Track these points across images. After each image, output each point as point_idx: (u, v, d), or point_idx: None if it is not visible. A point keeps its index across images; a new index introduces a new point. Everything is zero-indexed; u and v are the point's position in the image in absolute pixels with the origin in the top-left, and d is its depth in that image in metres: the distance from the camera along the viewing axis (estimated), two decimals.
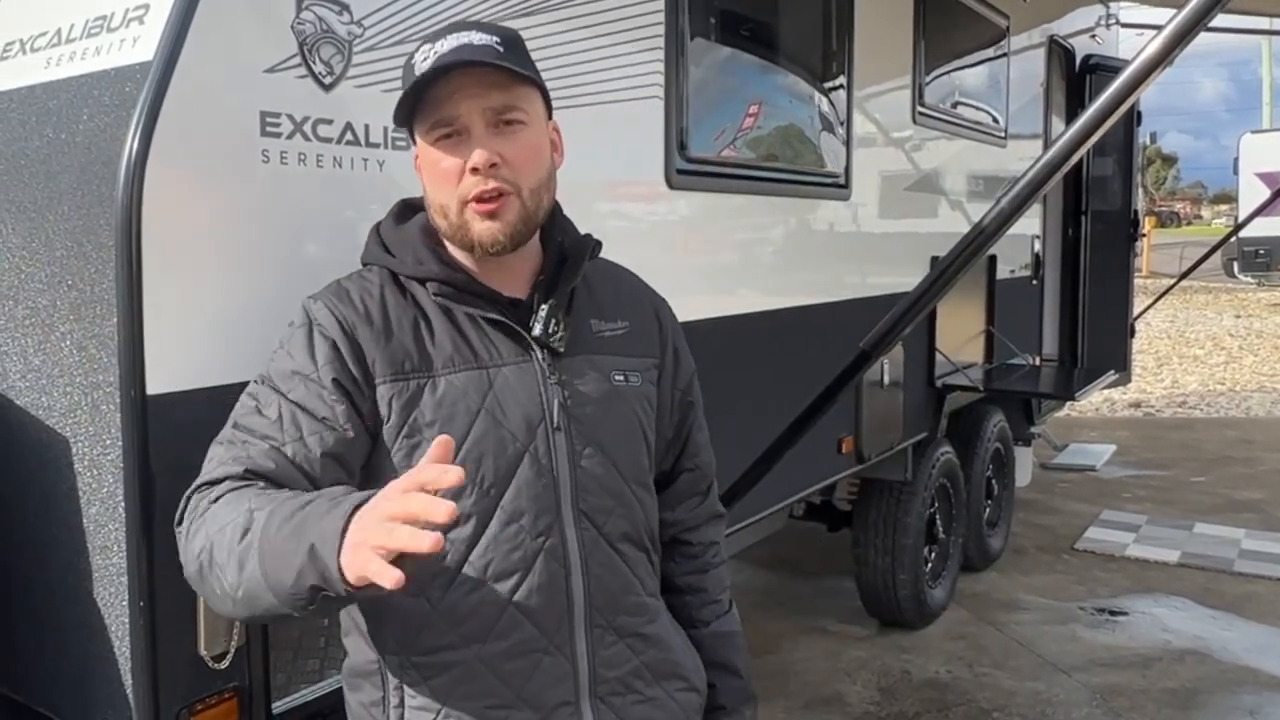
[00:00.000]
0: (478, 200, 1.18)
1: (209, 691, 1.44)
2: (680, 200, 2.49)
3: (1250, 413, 8.93)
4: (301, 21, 1.53)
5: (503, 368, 1.21)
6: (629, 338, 1.31)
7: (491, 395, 1.19)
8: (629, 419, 1.27)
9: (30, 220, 1.50)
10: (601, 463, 1.23)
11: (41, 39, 1.57)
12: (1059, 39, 5.39)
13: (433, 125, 1.19)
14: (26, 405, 1.51)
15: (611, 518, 1.24)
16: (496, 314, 1.22)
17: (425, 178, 1.23)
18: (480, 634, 1.17)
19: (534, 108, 1.22)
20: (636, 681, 1.26)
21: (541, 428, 1.20)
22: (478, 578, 1.17)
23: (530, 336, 1.22)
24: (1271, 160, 15.32)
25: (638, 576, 1.28)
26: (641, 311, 1.36)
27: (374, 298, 1.22)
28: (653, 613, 1.30)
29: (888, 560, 3.95)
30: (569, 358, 1.24)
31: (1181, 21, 1.99)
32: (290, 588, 0.97)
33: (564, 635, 1.20)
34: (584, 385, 1.24)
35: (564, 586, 1.20)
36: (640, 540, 1.29)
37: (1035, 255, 5.20)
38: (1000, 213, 2.27)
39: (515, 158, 1.18)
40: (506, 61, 1.17)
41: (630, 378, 1.29)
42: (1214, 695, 3.53)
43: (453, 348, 1.20)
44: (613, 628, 1.24)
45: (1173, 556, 4.95)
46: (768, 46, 2.94)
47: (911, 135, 3.76)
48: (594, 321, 1.29)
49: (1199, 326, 14.79)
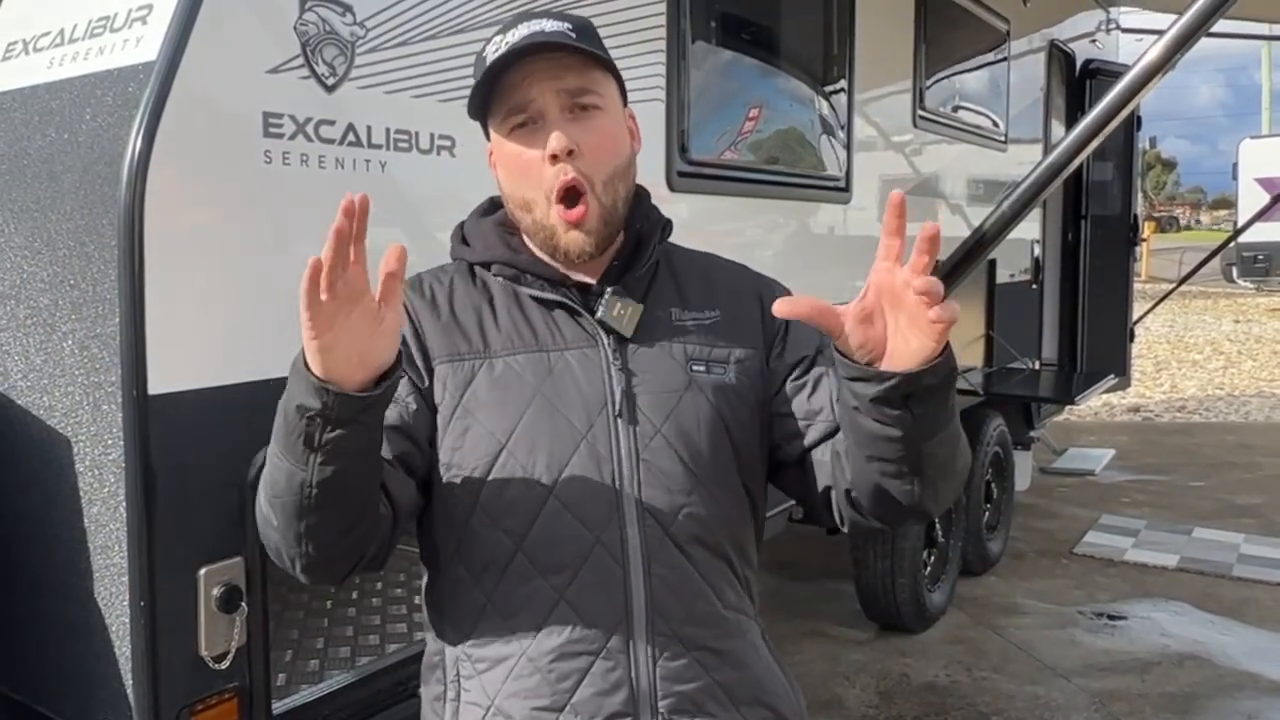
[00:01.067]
0: (559, 200, 1.14)
1: (209, 692, 1.44)
2: (681, 203, 2.50)
3: (1249, 417, 8.93)
4: (304, 22, 1.53)
5: (565, 352, 1.16)
6: (718, 327, 1.22)
7: (550, 379, 1.14)
8: (707, 413, 1.17)
9: (33, 220, 1.50)
10: (670, 457, 1.14)
11: (45, 39, 1.57)
12: (1059, 44, 5.40)
13: (507, 114, 1.16)
14: (28, 405, 1.51)
15: (680, 516, 1.14)
16: (556, 294, 1.17)
17: (503, 173, 1.19)
18: (531, 629, 1.12)
19: (610, 93, 1.19)
20: (709, 702, 1.14)
21: (602, 415, 1.13)
22: (529, 570, 1.12)
23: (594, 320, 1.17)
24: (1271, 166, 15.36)
25: (711, 584, 1.17)
26: (740, 301, 1.26)
27: (443, 286, 1.21)
28: (730, 628, 1.18)
29: (887, 564, 3.94)
30: (642, 346, 1.18)
31: (1183, 27, 2.00)
32: (283, 425, 0.99)
33: (621, 640, 1.12)
34: (654, 374, 1.17)
35: (621, 585, 1.11)
36: (717, 545, 1.17)
37: (1035, 259, 5.20)
38: (1001, 217, 2.27)
39: (591, 146, 1.14)
40: (581, 44, 1.14)
41: (713, 370, 1.19)
42: (1213, 700, 3.53)
43: (514, 330, 1.16)
44: (678, 637, 1.13)
45: (1172, 561, 4.95)
46: (769, 50, 2.95)
47: (912, 139, 3.77)
48: (674, 310, 1.22)
49: (1198, 331, 14.80)
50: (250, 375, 1.48)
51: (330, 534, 1.04)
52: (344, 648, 1.90)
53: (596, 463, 1.13)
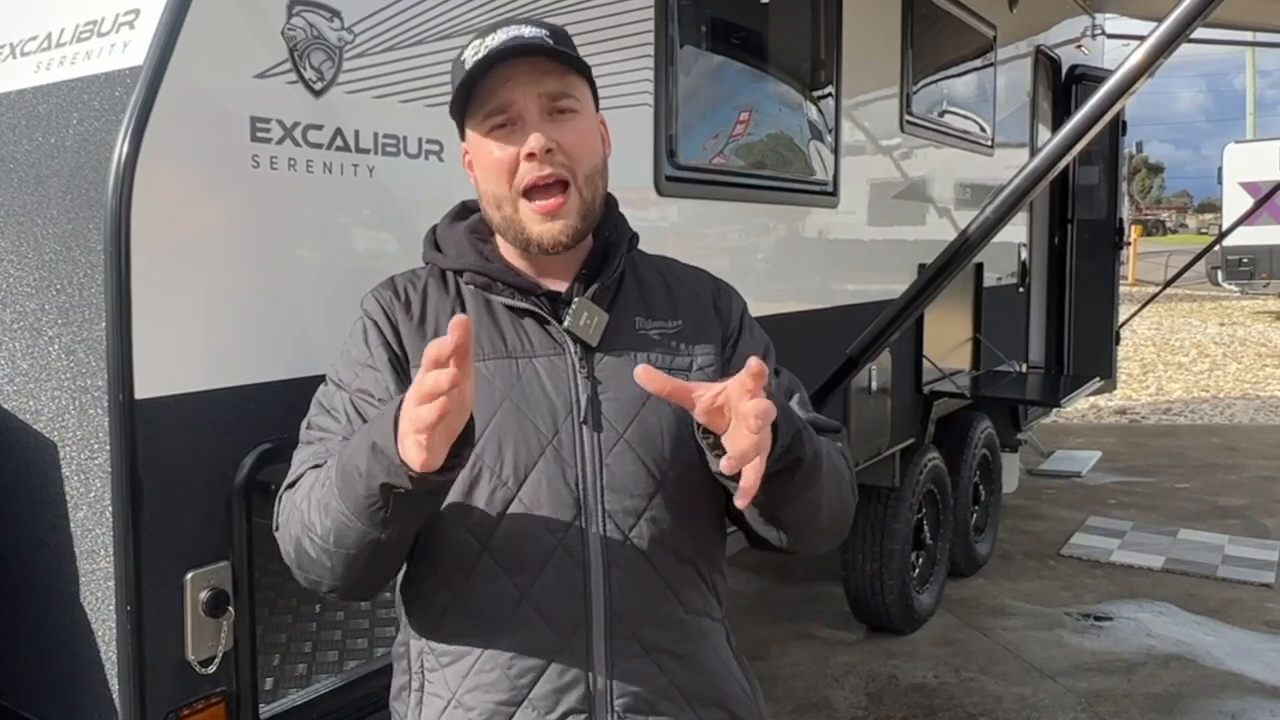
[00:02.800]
0: (533, 192, 1.17)
1: (196, 696, 1.44)
2: (670, 207, 2.51)
3: (1234, 419, 9.00)
4: (292, 27, 1.53)
5: (533, 359, 1.19)
6: (681, 336, 1.26)
7: (518, 385, 1.18)
8: (669, 420, 1.20)
9: (19, 224, 1.49)
10: (633, 462, 1.18)
11: (31, 43, 1.57)
12: (1045, 49, 5.44)
13: (487, 115, 1.19)
14: (14, 409, 1.51)
15: (642, 520, 1.18)
16: (527, 303, 1.21)
17: (478, 170, 1.22)
18: (494, 626, 1.16)
19: (585, 96, 1.23)
20: (664, 703, 1.18)
21: (568, 421, 1.17)
22: (493, 569, 1.16)
23: (562, 328, 1.20)
24: (1255, 170, 15.47)
25: (674, 589, 1.19)
26: (699, 309, 1.30)
27: (417, 289, 1.24)
28: (692, 631, 1.21)
29: (875, 566, 3.96)
30: (607, 354, 1.21)
31: (1164, 32, 2.02)
32: (364, 496, 1.02)
33: (580, 640, 1.16)
34: (618, 381, 1.20)
35: (581, 588, 1.15)
36: (680, 550, 1.20)
37: (1022, 263, 5.23)
38: (986, 220, 2.29)
39: (570, 144, 1.18)
40: (559, 49, 1.18)
41: (676, 378, 1.20)
42: (1197, 700, 3.55)
43: (485, 337, 1.19)
44: (637, 639, 1.17)
45: (1157, 562, 4.98)
46: (757, 55, 2.96)
47: (899, 144, 3.79)
48: (639, 319, 1.25)
49: (1184, 334, 14.89)
50: (237, 380, 1.48)
51: (384, 574, 1.15)
52: (332, 652, 1.90)
53: (561, 467, 1.16)
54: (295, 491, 1.15)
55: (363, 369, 1.19)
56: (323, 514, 1.08)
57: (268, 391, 1.51)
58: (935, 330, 4.03)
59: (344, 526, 1.06)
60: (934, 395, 4.07)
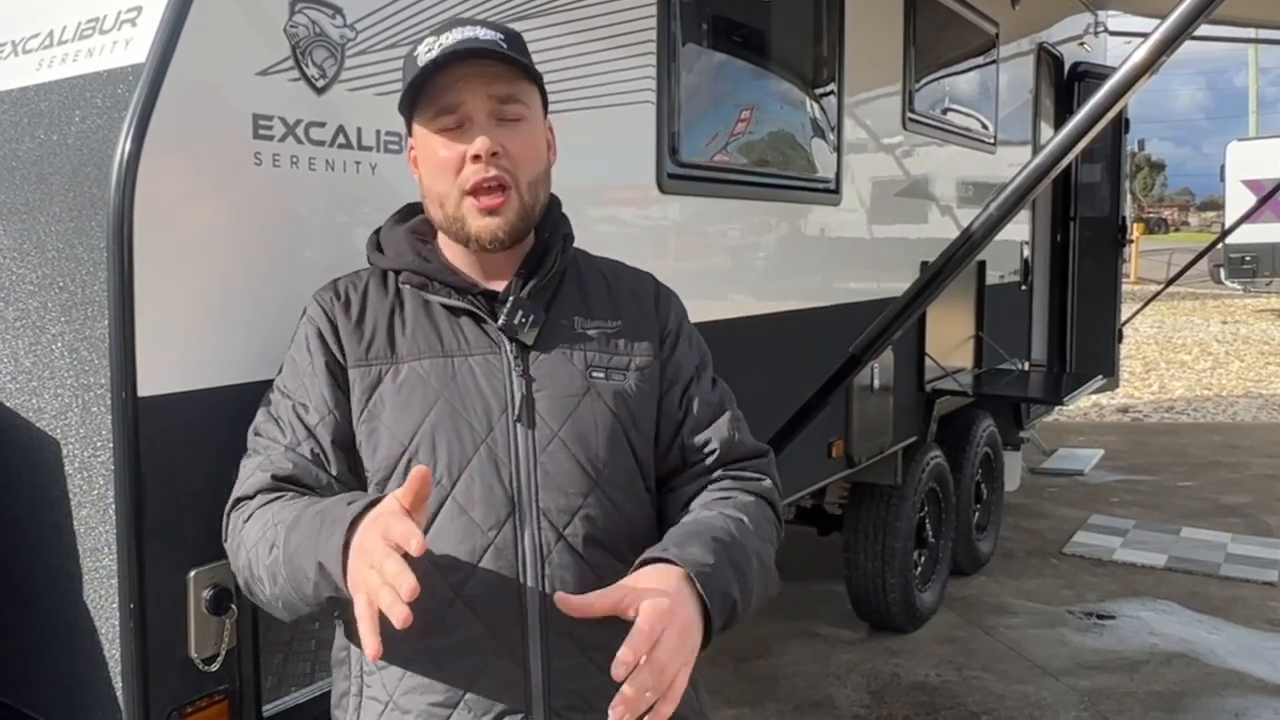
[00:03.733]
0: (477, 191, 1.19)
1: (199, 694, 1.44)
2: (671, 204, 2.50)
3: (1237, 418, 8.98)
4: (294, 24, 1.53)
5: (469, 358, 1.20)
6: (619, 335, 1.27)
7: (453, 384, 1.19)
8: (604, 418, 1.21)
9: (22, 222, 1.49)
10: (567, 460, 1.18)
11: (34, 41, 1.57)
12: (1048, 46, 5.43)
13: (435, 114, 1.20)
14: (17, 407, 1.51)
15: (576, 519, 1.18)
16: (463, 302, 1.22)
17: (423, 167, 1.24)
18: (429, 627, 1.14)
19: (534, 103, 1.24)
20: (601, 700, 1.11)
21: (502, 420, 1.18)
22: (427, 568, 1.13)
23: (497, 327, 1.21)
24: (1258, 168, 15.43)
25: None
26: (639, 308, 1.31)
27: (358, 290, 1.26)
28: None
29: (878, 564, 3.96)
30: (543, 352, 1.22)
31: (1167, 29, 2.01)
32: (312, 597, 1.08)
33: (515, 639, 1.15)
34: (554, 380, 1.21)
35: (515, 587, 1.15)
36: (615, 547, 1.20)
37: (1024, 261, 5.23)
38: (988, 218, 2.28)
39: (516, 150, 1.20)
40: (512, 54, 1.19)
41: (613, 376, 1.24)
42: (1200, 698, 3.55)
43: (422, 336, 1.21)
44: (572, 637, 1.16)
45: (1160, 560, 4.98)
46: (759, 52, 2.96)
47: (901, 141, 3.78)
48: (578, 319, 1.27)
49: (1186, 332, 14.87)
50: (240, 378, 1.48)
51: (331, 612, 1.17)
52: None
53: (495, 465, 1.17)
54: (247, 525, 1.17)
55: (305, 377, 1.22)
56: (271, 580, 1.12)
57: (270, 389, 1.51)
58: (937, 328, 4.03)
59: (291, 599, 1.11)
60: (936, 393, 4.07)
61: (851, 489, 4.03)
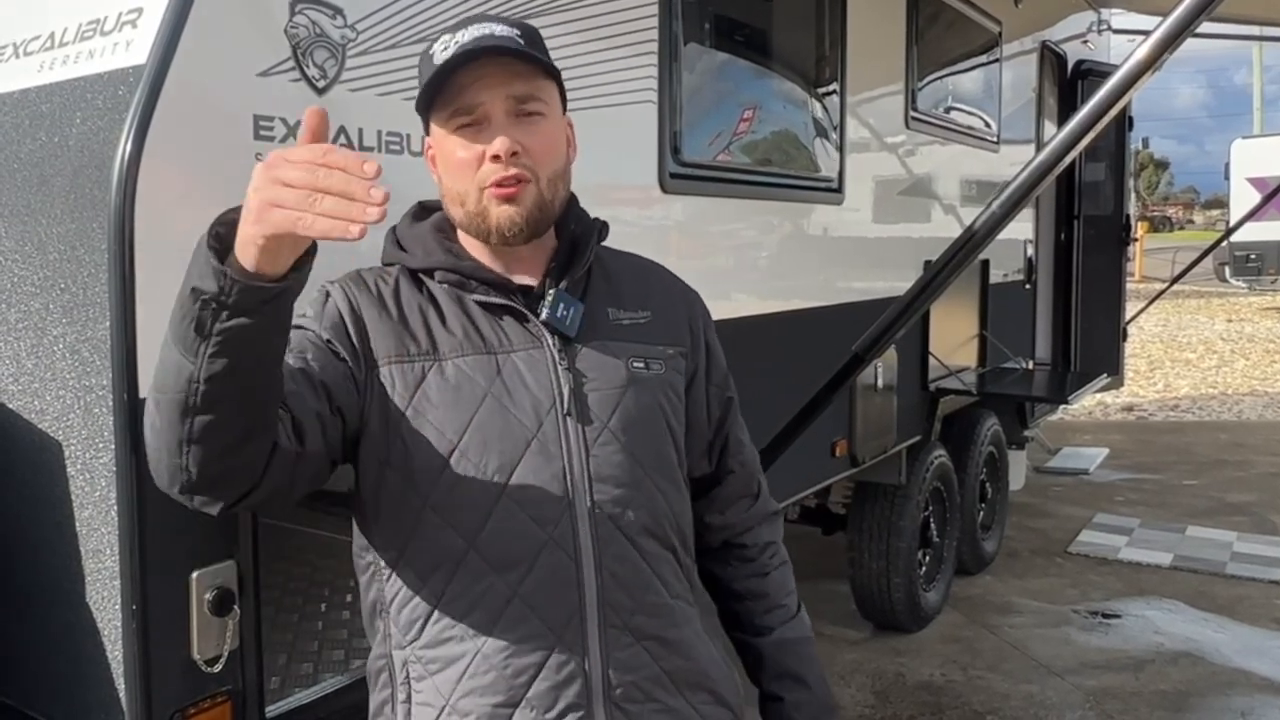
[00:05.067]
0: (496, 185, 1.17)
1: (202, 695, 1.44)
2: (674, 204, 2.50)
3: (1242, 416, 8.96)
4: (294, 25, 1.53)
5: (513, 354, 1.19)
6: (650, 326, 1.28)
7: (499, 381, 1.17)
8: (649, 407, 1.23)
9: (23, 224, 1.50)
10: (618, 450, 1.19)
11: (35, 42, 1.57)
12: (1051, 45, 5.42)
13: (453, 113, 1.18)
14: (19, 409, 1.51)
15: (629, 509, 1.19)
16: (502, 299, 1.20)
17: (442, 167, 1.22)
18: (484, 627, 1.14)
19: (553, 100, 1.22)
20: (657, 690, 1.19)
21: (551, 414, 1.17)
22: (482, 568, 1.14)
23: (539, 321, 1.20)
24: (1262, 165, 15.40)
25: (659, 575, 1.21)
26: (668, 301, 1.33)
27: (389, 285, 1.23)
28: (678, 617, 1.23)
29: (882, 563, 3.95)
30: (584, 345, 1.22)
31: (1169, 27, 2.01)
32: (177, 310, 0.91)
33: (575, 633, 1.15)
34: (599, 372, 1.21)
35: (574, 580, 1.15)
36: (664, 536, 1.23)
37: (1028, 260, 5.22)
38: (991, 217, 2.28)
39: (535, 147, 1.18)
40: (530, 51, 1.17)
41: (651, 365, 1.25)
42: (1206, 698, 3.54)
43: (462, 333, 1.19)
44: (629, 628, 1.18)
45: (1165, 559, 4.96)
46: (761, 52, 2.96)
47: (904, 140, 3.78)
48: (611, 310, 1.26)
49: (1191, 330, 14.84)
50: None
51: (215, 444, 0.96)
52: (338, 650, 1.90)
53: (547, 460, 1.16)
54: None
55: (306, 330, 1.15)
56: (157, 364, 0.96)
57: None
58: (941, 327, 4.02)
59: (165, 362, 0.93)
60: (940, 392, 4.06)
61: (855, 488, 4.02)
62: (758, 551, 1.38)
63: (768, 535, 1.40)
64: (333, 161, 0.85)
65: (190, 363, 0.91)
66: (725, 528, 1.37)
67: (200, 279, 0.89)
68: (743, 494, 1.39)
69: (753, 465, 1.41)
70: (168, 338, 0.94)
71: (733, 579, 1.38)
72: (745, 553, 1.38)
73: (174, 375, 0.93)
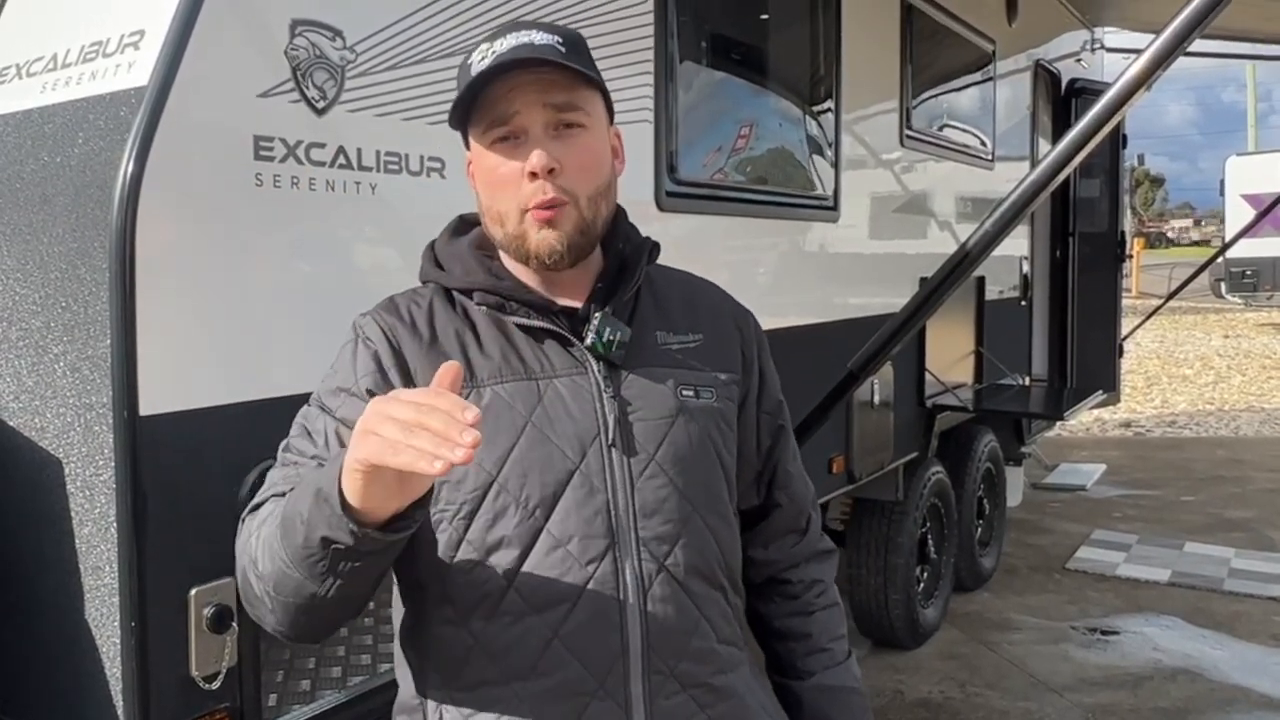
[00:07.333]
0: (539, 208, 1.10)
1: (200, 712, 1.45)
2: (670, 222, 2.52)
3: (1239, 432, 8.97)
4: (295, 47, 1.55)
5: (554, 380, 1.11)
6: (702, 351, 1.20)
7: (540, 408, 1.10)
8: (699, 439, 1.15)
9: (25, 242, 1.51)
10: (665, 486, 1.11)
11: (38, 64, 1.59)
12: (1045, 63, 5.46)
13: (489, 126, 1.11)
14: (20, 426, 1.51)
15: (677, 548, 1.11)
16: (544, 322, 1.13)
17: (480, 184, 1.15)
18: (522, 670, 1.07)
19: (596, 110, 1.14)
20: None
21: (595, 445, 1.10)
22: (521, 608, 1.07)
23: (584, 346, 1.12)
24: (1257, 182, 15.50)
25: (708, 619, 1.14)
26: (720, 324, 1.25)
27: (422, 309, 1.16)
28: (725, 663, 1.15)
29: (880, 580, 3.95)
30: (630, 371, 1.14)
31: (1162, 44, 2.03)
32: (302, 546, 0.93)
33: (617, 679, 1.08)
34: (646, 400, 1.13)
35: (617, 623, 1.08)
36: (713, 577, 1.15)
37: (1024, 276, 5.24)
38: (985, 234, 2.30)
39: (573, 164, 1.10)
40: (569, 61, 1.09)
41: (702, 394, 1.17)
42: (1205, 714, 3.53)
43: (501, 358, 1.12)
44: (674, 675, 1.10)
45: (1163, 576, 4.96)
46: (757, 70, 2.98)
47: (899, 158, 3.80)
48: (660, 333, 1.18)
49: (1188, 346, 14.87)
50: (240, 396, 1.49)
51: (332, 623, 1.05)
52: (335, 667, 1.90)
53: (590, 494, 1.09)
54: (255, 518, 1.06)
55: (347, 396, 1.10)
56: (266, 555, 0.99)
57: (271, 407, 1.52)
58: (937, 344, 4.03)
59: (283, 574, 0.96)
60: (937, 409, 4.07)
61: (853, 505, 4.03)
62: (802, 589, 1.30)
63: (815, 573, 1.32)
64: (439, 404, 0.86)
65: (316, 587, 0.95)
66: (769, 563, 1.29)
67: (331, 530, 0.91)
68: (790, 529, 1.31)
69: (802, 499, 1.32)
70: (284, 556, 0.96)
71: (774, 616, 1.30)
72: (789, 589, 1.30)
73: (294, 590, 0.97)
